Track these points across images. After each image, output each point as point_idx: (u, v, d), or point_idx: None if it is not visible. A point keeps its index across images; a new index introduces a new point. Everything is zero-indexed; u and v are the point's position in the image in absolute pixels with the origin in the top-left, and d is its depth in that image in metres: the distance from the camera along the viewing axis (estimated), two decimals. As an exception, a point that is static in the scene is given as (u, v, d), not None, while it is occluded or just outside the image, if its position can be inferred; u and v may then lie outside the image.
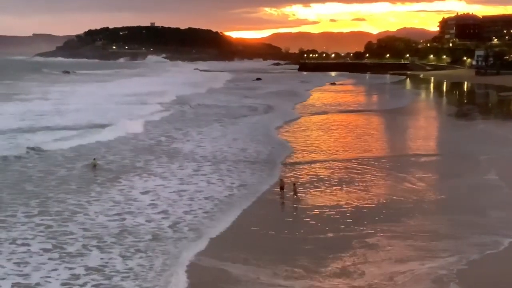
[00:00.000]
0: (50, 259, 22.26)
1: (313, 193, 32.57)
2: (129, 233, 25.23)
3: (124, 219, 27.34)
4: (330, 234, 25.52)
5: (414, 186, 34.07)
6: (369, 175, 37.04)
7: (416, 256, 22.58)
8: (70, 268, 21.35)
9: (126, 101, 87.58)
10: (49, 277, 20.65)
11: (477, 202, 30.85)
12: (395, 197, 31.48)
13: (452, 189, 33.90)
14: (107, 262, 21.92)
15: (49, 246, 23.54)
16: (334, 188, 33.67)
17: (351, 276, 20.78)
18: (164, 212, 28.34)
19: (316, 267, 21.60)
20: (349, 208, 29.53)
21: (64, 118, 64.88)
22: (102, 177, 36.12)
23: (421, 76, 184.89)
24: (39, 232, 25.37)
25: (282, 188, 32.05)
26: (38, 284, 20.13)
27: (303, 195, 31.95)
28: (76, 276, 20.71)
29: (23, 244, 23.80)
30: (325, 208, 29.60)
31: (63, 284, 20.17)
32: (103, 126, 57.07)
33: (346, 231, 25.92)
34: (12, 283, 20.11)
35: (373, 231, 25.72)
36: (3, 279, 20.47)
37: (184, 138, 51.80)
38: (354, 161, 41.51)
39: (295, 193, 31.41)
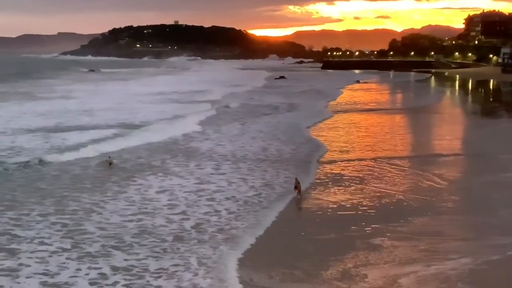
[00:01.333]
0: (69, 258, 22.22)
1: (328, 192, 32.42)
2: (149, 233, 25.10)
3: (141, 219, 27.19)
4: (333, 235, 25.37)
5: (435, 185, 33.55)
6: (392, 174, 36.61)
7: (435, 256, 22.41)
8: (95, 268, 21.29)
9: (168, 99, 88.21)
10: (76, 276, 20.66)
11: (496, 202, 30.35)
12: (412, 197, 31.04)
13: (471, 189, 33.61)
14: (134, 262, 21.84)
15: (68, 246, 23.46)
16: (352, 187, 33.46)
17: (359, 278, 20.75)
18: (183, 213, 28.11)
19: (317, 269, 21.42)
20: (362, 208, 29.40)
21: (100, 118, 64.79)
22: (118, 175, 36.13)
23: (446, 74, 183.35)
24: (55, 231, 25.31)
25: (296, 188, 32.13)
26: (66, 283, 20.14)
27: (318, 193, 31.95)
28: (104, 276, 20.72)
29: (41, 243, 23.81)
30: (336, 207, 29.55)
31: (91, 284, 20.17)
32: (144, 124, 57.91)
33: (354, 231, 25.78)
34: (40, 282, 20.19)
35: (384, 231, 25.58)
36: (30, 277, 20.55)
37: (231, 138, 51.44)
38: (379, 160, 41.16)
39: (299, 192, 31.68)
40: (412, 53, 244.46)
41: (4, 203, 29.48)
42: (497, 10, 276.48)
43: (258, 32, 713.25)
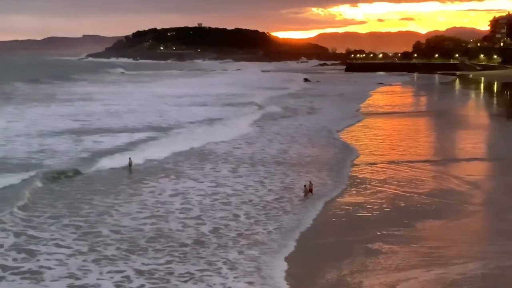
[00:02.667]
0: (87, 261, 22.23)
1: (355, 195, 32.35)
2: (167, 237, 25.03)
3: (155, 222, 27.15)
4: (356, 237, 25.25)
5: (457, 189, 33.56)
6: (416, 177, 36.58)
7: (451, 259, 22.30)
8: (118, 271, 21.23)
9: (203, 102, 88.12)
10: (101, 279, 20.63)
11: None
12: (436, 201, 31.01)
13: (492, 193, 33.32)
14: (156, 266, 21.75)
15: (85, 249, 23.41)
16: (379, 191, 33.31)
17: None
18: (198, 217, 27.99)
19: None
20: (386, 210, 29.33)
21: (136, 120, 65.28)
22: (134, 178, 36.41)
23: (471, 76, 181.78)
24: (70, 233, 25.33)
25: (310, 190, 32.17)
26: (94, 286, 20.14)
27: (347, 197, 31.79)
28: (128, 279, 20.71)
29: (57, 245, 23.83)
30: (362, 210, 29.48)
31: (117, 287, 20.16)
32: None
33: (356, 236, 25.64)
34: (67, 284, 20.19)
35: (391, 233, 25.52)
36: (56, 280, 20.52)
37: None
38: (406, 163, 41.08)
39: (306, 193, 31.76)
40: (437, 55, 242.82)
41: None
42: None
43: (281, 35, 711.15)
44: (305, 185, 32.62)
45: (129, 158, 39.99)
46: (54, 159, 41.35)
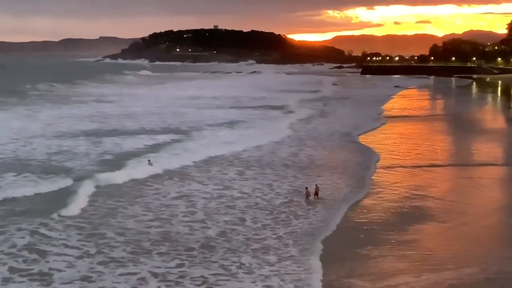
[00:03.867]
0: (97, 262, 22.23)
1: (378, 198, 32.20)
2: (174, 240, 24.96)
3: (161, 225, 27.13)
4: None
5: (475, 193, 33.39)
6: (430, 183, 36.46)
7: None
8: (132, 273, 21.19)
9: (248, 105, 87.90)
10: (117, 282, 20.56)
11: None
12: (429, 207, 30.88)
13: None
14: (168, 269, 21.65)
15: (92, 251, 23.40)
16: (386, 194, 33.33)
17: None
18: (204, 220, 27.89)
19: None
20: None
21: (164, 122, 65.19)
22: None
23: (488, 79, 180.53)
24: (76, 234, 25.35)
25: (316, 194, 32.11)
26: (111, 288, 20.11)
27: (368, 201, 31.71)
28: (144, 280, 20.70)
29: (65, 246, 23.91)
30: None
31: (136, 290, 20.12)
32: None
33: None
34: (80, 287, 20.21)
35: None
36: (69, 283, 20.46)
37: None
38: (422, 168, 40.98)
39: (307, 196, 31.72)
40: (453, 58, 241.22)
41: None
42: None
43: (297, 37, 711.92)
44: (306, 188, 32.56)
45: (148, 160, 40.04)
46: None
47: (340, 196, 32.87)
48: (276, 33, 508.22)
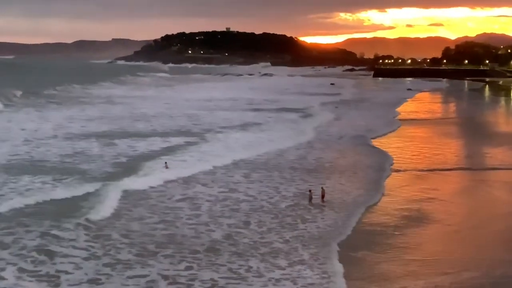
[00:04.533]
0: (104, 265, 22.12)
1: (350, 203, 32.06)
2: (179, 243, 24.76)
3: (167, 227, 27.00)
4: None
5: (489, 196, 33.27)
6: (448, 186, 36.36)
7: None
8: (142, 276, 21.10)
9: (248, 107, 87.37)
10: (126, 285, 20.49)
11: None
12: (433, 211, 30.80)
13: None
14: (179, 272, 21.48)
15: (99, 253, 23.32)
16: (398, 198, 33.23)
17: None
18: (208, 223, 27.68)
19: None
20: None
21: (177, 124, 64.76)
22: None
23: (501, 82, 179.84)
24: (78, 237, 25.16)
25: (322, 196, 31.98)
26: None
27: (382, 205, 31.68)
28: (154, 282, 20.63)
29: (71, 247, 23.89)
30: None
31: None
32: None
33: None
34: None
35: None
36: (77, 284, 20.34)
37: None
38: (429, 172, 40.87)
39: (310, 198, 31.61)
40: (466, 61, 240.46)
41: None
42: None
43: (309, 39, 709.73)
44: (310, 190, 32.48)
45: (165, 163, 39.96)
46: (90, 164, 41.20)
47: (349, 199, 32.65)
48: (288, 35, 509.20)
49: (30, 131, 56.65)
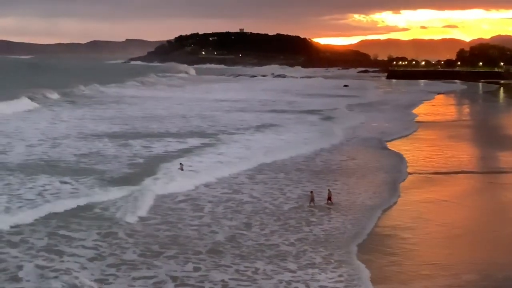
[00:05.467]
0: (109, 265, 22.10)
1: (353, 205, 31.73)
2: (182, 244, 24.75)
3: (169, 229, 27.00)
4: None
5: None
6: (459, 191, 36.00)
7: None
8: (149, 277, 21.01)
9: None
10: (133, 286, 20.41)
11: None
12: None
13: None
14: (187, 274, 21.43)
15: (106, 253, 23.38)
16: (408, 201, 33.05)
17: None
18: (209, 224, 27.66)
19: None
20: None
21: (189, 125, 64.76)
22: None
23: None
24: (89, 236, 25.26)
25: (329, 198, 31.73)
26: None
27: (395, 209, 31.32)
28: (161, 282, 20.54)
29: (75, 247, 23.93)
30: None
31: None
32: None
33: None
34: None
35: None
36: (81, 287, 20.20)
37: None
38: (444, 175, 40.55)
39: (311, 200, 31.33)
40: (481, 63, 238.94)
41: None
42: None
43: (322, 41, 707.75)
44: (311, 191, 32.26)
45: (180, 163, 39.79)
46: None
47: (357, 201, 32.41)
48: (302, 36, 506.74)
49: (68, 129, 58.35)
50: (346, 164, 43.77)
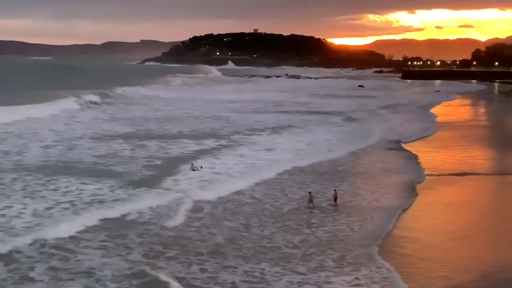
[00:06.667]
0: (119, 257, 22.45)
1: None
2: (183, 245, 24.59)
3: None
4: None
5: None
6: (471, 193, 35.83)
7: None
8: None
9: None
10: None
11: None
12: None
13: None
14: (193, 275, 21.36)
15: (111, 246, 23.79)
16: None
17: None
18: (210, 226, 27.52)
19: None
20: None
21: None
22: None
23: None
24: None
25: (335, 199, 31.77)
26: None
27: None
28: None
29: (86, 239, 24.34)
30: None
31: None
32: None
33: None
34: None
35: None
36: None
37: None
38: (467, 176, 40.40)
39: (310, 201, 31.33)
40: (496, 63, 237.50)
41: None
42: None
43: (337, 41, 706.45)
44: (310, 192, 32.23)
45: (191, 164, 39.66)
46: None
47: (363, 202, 32.29)
48: (316, 37, 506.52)
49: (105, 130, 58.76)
50: (363, 166, 43.40)
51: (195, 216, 28.90)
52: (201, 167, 39.40)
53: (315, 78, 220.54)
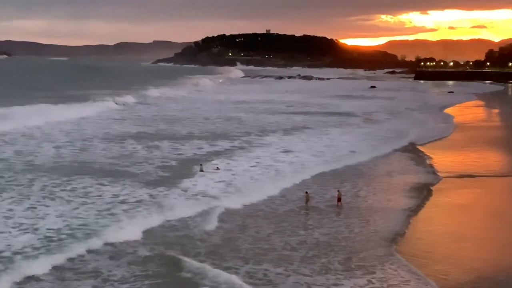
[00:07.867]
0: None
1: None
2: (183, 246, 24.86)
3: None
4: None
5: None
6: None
7: None
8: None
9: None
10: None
11: None
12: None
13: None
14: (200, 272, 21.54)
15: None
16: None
17: None
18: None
19: None
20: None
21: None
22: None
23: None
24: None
25: (339, 200, 31.75)
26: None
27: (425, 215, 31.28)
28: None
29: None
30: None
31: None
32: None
33: None
34: None
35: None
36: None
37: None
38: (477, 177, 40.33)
39: (307, 200, 31.42)
40: (510, 64, 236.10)
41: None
42: None
43: (349, 42, 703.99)
44: (306, 192, 32.30)
45: (200, 165, 39.64)
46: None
47: (366, 203, 32.40)
48: (329, 37, 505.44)
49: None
50: (377, 167, 43.34)
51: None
52: (218, 168, 39.41)
53: (328, 79, 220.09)
